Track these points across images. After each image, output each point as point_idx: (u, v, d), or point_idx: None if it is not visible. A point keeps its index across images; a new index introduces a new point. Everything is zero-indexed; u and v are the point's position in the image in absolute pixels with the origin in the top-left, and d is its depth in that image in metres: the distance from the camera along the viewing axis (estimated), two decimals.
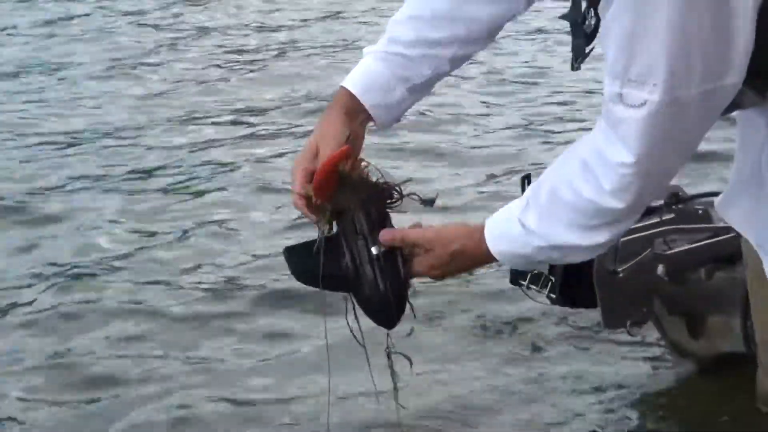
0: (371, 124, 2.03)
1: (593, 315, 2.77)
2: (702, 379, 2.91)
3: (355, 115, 2.00)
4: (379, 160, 2.06)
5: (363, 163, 1.98)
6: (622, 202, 1.74)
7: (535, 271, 2.60)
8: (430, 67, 2.02)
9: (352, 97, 2.00)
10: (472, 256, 1.91)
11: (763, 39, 1.66)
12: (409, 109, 2.07)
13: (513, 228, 1.84)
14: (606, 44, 1.70)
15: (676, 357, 2.94)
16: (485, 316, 3.36)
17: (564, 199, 1.78)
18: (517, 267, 1.98)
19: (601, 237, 1.80)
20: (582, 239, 1.80)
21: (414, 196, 1.98)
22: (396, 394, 2.09)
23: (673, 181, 2.65)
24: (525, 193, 1.85)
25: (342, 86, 2.01)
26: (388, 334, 2.02)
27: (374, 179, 1.97)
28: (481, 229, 1.89)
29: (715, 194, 2.17)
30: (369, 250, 1.93)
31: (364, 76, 2.01)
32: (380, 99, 2.00)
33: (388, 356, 2.04)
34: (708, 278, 2.74)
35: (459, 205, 4.16)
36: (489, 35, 2.05)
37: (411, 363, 2.07)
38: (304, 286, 1.99)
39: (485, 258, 1.90)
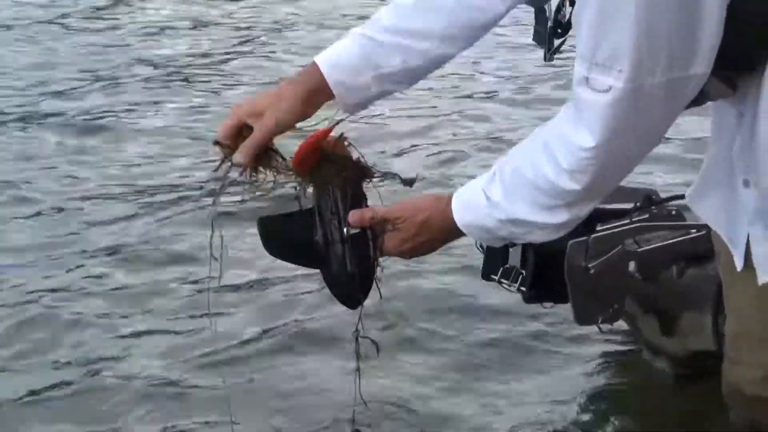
0: (332, 103, 2.02)
1: (564, 312, 2.76)
2: (674, 377, 2.91)
3: (316, 96, 2.00)
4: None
5: (345, 143, 2.00)
6: (579, 184, 1.76)
7: (507, 266, 2.60)
8: (400, 57, 2.01)
9: (320, 76, 2.00)
10: (439, 227, 1.93)
11: (732, 30, 1.67)
12: (375, 101, 2.06)
13: (478, 199, 1.86)
14: (577, 27, 1.71)
15: (649, 355, 2.94)
16: (459, 315, 3.35)
17: (526, 177, 1.80)
18: (482, 240, 1.99)
19: (560, 217, 1.82)
20: (542, 217, 1.82)
21: (394, 177, 2.01)
22: (358, 376, 2.11)
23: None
24: (493, 167, 1.87)
25: (313, 60, 2.02)
26: (360, 318, 2.04)
27: (354, 157, 2.00)
28: (448, 200, 1.91)
29: None
30: (341, 230, 1.95)
31: (335, 53, 2.02)
32: (345, 78, 2.00)
33: (356, 339, 2.06)
34: (679, 276, 2.74)
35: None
36: (467, 36, 2.05)
37: (378, 349, 2.08)
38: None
39: (451, 229, 1.92)
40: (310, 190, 1.97)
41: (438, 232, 1.94)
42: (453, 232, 1.93)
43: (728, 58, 1.70)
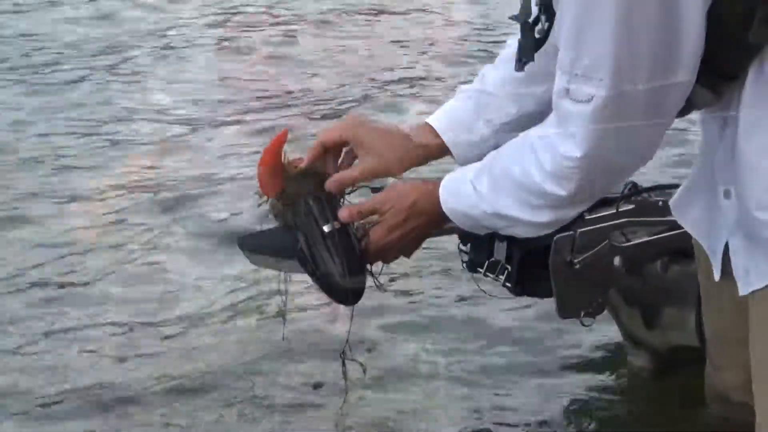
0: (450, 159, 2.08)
1: (547, 306, 2.77)
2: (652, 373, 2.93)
3: (429, 160, 2.07)
4: None
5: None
6: (564, 190, 1.78)
7: (492, 259, 2.60)
8: (516, 106, 2.07)
9: (434, 139, 2.05)
10: (427, 210, 1.96)
11: (714, 35, 1.67)
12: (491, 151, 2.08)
13: (465, 188, 1.90)
14: (557, 38, 1.71)
15: (630, 347, 2.96)
16: (442, 328, 3.31)
17: (513, 175, 1.83)
18: (465, 227, 2.02)
19: (544, 217, 1.85)
20: (526, 215, 1.86)
21: (362, 186, 2.03)
22: (346, 396, 2.12)
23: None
24: (483, 160, 1.89)
25: (426, 121, 2.07)
26: (347, 341, 2.05)
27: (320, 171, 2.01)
28: (435, 183, 1.94)
29: (676, 186, 2.18)
30: (321, 230, 1.96)
31: (448, 113, 2.08)
32: (461, 137, 2.06)
33: (342, 361, 2.08)
34: (664, 271, 2.75)
35: None
36: None
37: (365, 370, 2.10)
38: None
39: (439, 213, 1.95)
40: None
41: (426, 214, 1.96)
42: (440, 216, 1.96)
43: (711, 64, 1.70)
